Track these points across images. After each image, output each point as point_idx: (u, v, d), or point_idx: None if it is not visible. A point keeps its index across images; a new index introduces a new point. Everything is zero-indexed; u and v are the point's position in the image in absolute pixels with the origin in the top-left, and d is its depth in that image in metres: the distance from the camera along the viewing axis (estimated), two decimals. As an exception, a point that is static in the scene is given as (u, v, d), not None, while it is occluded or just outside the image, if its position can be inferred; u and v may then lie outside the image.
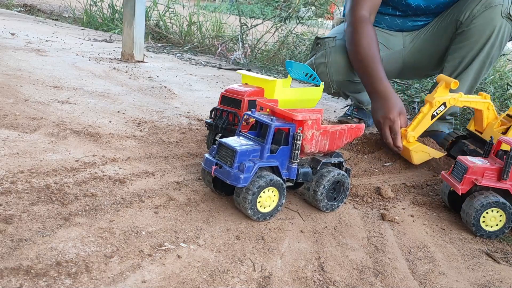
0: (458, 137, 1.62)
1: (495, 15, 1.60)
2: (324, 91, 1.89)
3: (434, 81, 2.37)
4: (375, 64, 1.58)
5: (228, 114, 1.34)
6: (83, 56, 3.04)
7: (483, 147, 1.48)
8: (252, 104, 1.32)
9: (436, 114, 1.48)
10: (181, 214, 1.06)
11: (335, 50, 1.75)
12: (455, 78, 1.74)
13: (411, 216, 1.24)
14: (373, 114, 1.59)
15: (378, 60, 1.59)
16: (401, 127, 1.51)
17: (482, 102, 1.49)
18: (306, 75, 1.52)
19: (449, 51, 1.74)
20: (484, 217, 1.14)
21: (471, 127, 1.60)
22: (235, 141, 1.08)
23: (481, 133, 1.55)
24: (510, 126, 1.47)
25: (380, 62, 1.60)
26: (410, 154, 1.50)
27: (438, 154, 1.54)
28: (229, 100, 1.35)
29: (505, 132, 1.46)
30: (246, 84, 1.43)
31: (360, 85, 1.80)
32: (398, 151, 1.52)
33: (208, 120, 1.39)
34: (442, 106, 1.46)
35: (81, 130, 1.52)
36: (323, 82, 1.54)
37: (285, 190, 1.08)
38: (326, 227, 1.11)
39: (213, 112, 1.38)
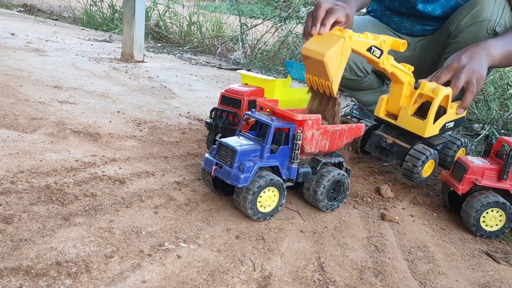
0: (369, 129, 1.42)
1: (480, 31, 1.53)
2: None
3: None
4: None
5: (228, 114, 1.34)
6: (83, 56, 3.04)
7: (401, 135, 1.34)
8: (252, 104, 1.32)
9: (371, 51, 1.17)
10: (181, 214, 1.06)
11: None
12: None
13: (411, 216, 1.24)
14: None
15: None
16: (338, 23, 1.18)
17: (407, 74, 1.28)
18: None
19: (441, 60, 1.70)
20: (484, 217, 1.14)
21: (381, 112, 1.38)
22: (235, 141, 1.08)
23: (396, 117, 1.33)
24: (422, 104, 1.30)
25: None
26: (335, 44, 1.09)
27: (336, 83, 1.13)
28: (229, 100, 1.35)
29: (418, 112, 1.30)
30: (246, 84, 1.43)
31: (353, 82, 1.78)
32: (316, 29, 1.13)
33: (208, 120, 1.39)
34: (379, 52, 1.19)
35: (81, 130, 1.52)
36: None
37: (285, 190, 1.08)
38: (326, 227, 1.11)
39: (213, 112, 1.38)
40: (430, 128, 1.26)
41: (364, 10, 2.12)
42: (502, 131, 2.17)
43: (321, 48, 1.08)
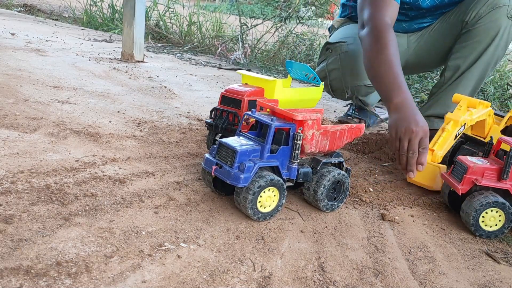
0: (457, 144, 1.55)
1: (500, 16, 1.60)
2: (335, 96, 1.87)
3: (435, 81, 2.37)
4: (399, 73, 1.42)
5: (228, 114, 1.34)
6: (83, 56, 3.04)
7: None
8: (252, 104, 1.32)
9: (458, 134, 1.39)
10: (181, 214, 1.06)
11: (349, 55, 1.74)
12: (457, 77, 1.72)
13: (411, 216, 1.24)
14: (392, 124, 1.35)
15: (401, 69, 1.44)
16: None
17: (486, 112, 1.46)
18: (306, 75, 1.52)
19: (453, 50, 1.73)
20: (483, 217, 1.14)
21: (468, 131, 1.55)
22: (235, 141, 1.08)
23: (484, 138, 1.51)
24: (507, 127, 1.46)
25: (402, 71, 1.46)
26: (435, 174, 1.33)
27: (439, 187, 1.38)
28: (229, 100, 1.35)
29: (505, 133, 1.45)
30: (246, 84, 1.43)
31: (371, 88, 1.79)
32: (415, 170, 1.30)
33: (208, 120, 1.39)
34: (463, 126, 1.40)
35: (81, 130, 1.52)
36: (323, 83, 1.54)
37: (286, 190, 1.08)
38: (326, 227, 1.11)
39: (213, 112, 1.38)
40: None
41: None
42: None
43: (427, 182, 1.37)
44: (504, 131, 1.49)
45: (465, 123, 1.40)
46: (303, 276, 0.89)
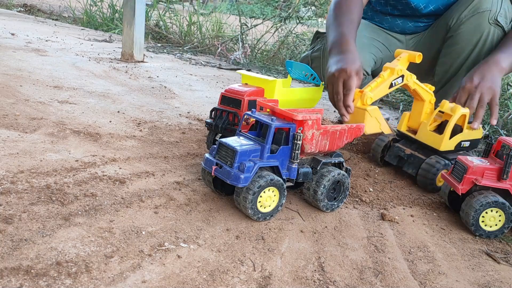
0: (389, 141, 1.53)
1: (482, 21, 1.56)
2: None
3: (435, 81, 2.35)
4: (346, 33, 1.44)
5: (228, 114, 1.34)
6: (83, 56, 3.04)
7: (420, 149, 1.44)
8: (252, 104, 1.32)
9: (394, 84, 1.33)
10: (181, 214, 1.06)
11: None
12: (444, 83, 1.72)
13: (411, 216, 1.24)
14: (327, 69, 1.38)
15: (355, 25, 1.48)
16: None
17: (427, 93, 1.41)
18: (306, 75, 1.52)
19: (440, 55, 1.72)
20: (483, 217, 1.14)
21: (402, 127, 1.50)
22: (235, 141, 1.08)
23: (414, 132, 1.45)
24: (442, 122, 1.40)
25: (356, 28, 1.50)
26: (364, 117, 1.29)
27: (388, 129, 1.36)
28: (229, 100, 1.35)
29: (437, 130, 1.40)
30: (246, 84, 1.43)
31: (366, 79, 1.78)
32: (345, 113, 1.30)
33: (208, 120, 1.39)
34: (401, 78, 1.33)
35: (81, 130, 1.52)
36: (323, 82, 1.54)
37: (285, 190, 1.08)
38: (326, 227, 1.11)
39: (213, 112, 1.38)
40: (446, 142, 1.37)
41: None
42: (502, 131, 2.17)
43: (356, 121, 1.28)
44: (438, 128, 1.41)
45: (403, 75, 1.34)
46: (303, 276, 0.89)
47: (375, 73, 1.92)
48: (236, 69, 3.51)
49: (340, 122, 1.26)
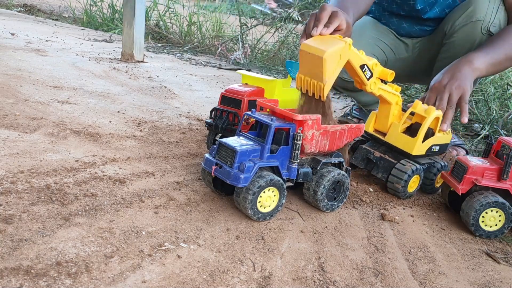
0: (356, 142, 1.45)
1: (474, 31, 1.53)
2: None
3: None
4: (355, 5, 1.39)
5: (228, 114, 1.34)
6: (83, 56, 3.04)
7: (389, 152, 1.36)
8: (252, 104, 1.32)
9: (363, 70, 1.18)
10: (181, 214, 1.06)
11: None
12: None
13: (411, 216, 1.24)
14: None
15: (359, 8, 1.41)
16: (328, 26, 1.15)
17: (394, 95, 1.30)
18: None
19: (436, 60, 1.71)
20: (483, 217, 1.14)
21: (370, 128, 1.40)
22: (235, 141, 1.08)
23: (384, 134, 1.37)
24: (412, 124, 1.33)
25: (359, 12, 1.44)
26: (339, 56, 1.10)
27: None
28: (229, 100, 1.35)
29: (406, 132, 1.33)
30: (246, 84, 1.43)
31: (349, 83, 1.77)
32: (316, 28, 1.13)
33: (208, 120, 1.39)
34: (369, 73, 1.19)
35: (81, 130, 1.52)
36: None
37: (285, 190, 1.08)
38: (326, 227, 1.11)
39: (213, 112, 1.38)
40: (418, 146, 1.29)
41: None
42: (502, 131, 2.17)
43: (322, 47, 1.06)
44: (408, 130, 1.34)
45: (367, 68, 1.18)
46: (303, 276, 0.89)
47: None
48: (236, 69, 3.51)
49: (341, 122, 1.25)
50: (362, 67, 1.17)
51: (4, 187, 1.04)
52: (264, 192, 1.04)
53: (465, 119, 1.33)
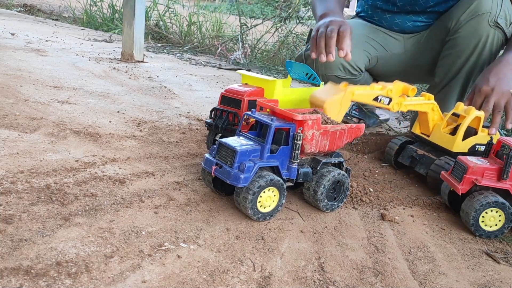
0: (404, 143, 1.54)
1: (481, 24, 1.54)
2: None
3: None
4: (337, 4, 1.52)
5: (228, 114, 1.34)
6: (83, 56, 3.04)
7: (433, 150, 1.44)
8: (252, 104, 1.32)
9: (379, 100, 1.29)
10: (181, 214, 1.06)
11: None
12: (444, 86, 1.70)
13: (411, 216, 1.24)
14: (315, 28, 1.39)
15: (340, 4, 1.52)
16: (340, 41, 1.27)
17: (426, 104, 1.39)
18: (306, 75, 1.52)
19: (440, 57, 1.71)
20: (483, 217, 1.14)
21: (417, 130, 1.50)
22: (235, 141, 1.08)
23: (428, 136, 1.46)
24: (458, 125, 1.38)
25: (342, 7, 1.54)
26: (336, 94, 1.22)
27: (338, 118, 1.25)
28: (229, 100, 1.35)
29: (452, 133, 1.39)
30: (246, 84, 1.43)
31: (348, 81, 1.77)
32: (331, 52, 1.26)
33: (208, 120, 1.38)
34: (388, 100, 1.29)
35: (81, 130, 1.52)
36: (323, 82, 1.54)
37: (285, 190, 1.08)
38: (326, 227, 1.11)
39: (213, 112, 1.38)
40: (458, 144, 1.35)
41: (353, 13, 2.13)
42: (502, 131, 2.17)
43: (323, 97, 1.22)
44: (454, 131, 1.39)
45: (390, 99, 1.29)
46: (303, 276, 0.89)
47: (371, 72, 1.92)
48: (236, 69, 3.51)
49: (343, 122, 1.25)
50: (376, 99, 1.29)
51: (4, 187, 1.04)
52: (264, 192, 1.04)
53: (509, 125, 1.38)
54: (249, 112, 1.15)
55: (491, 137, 1.31)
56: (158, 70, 2.94)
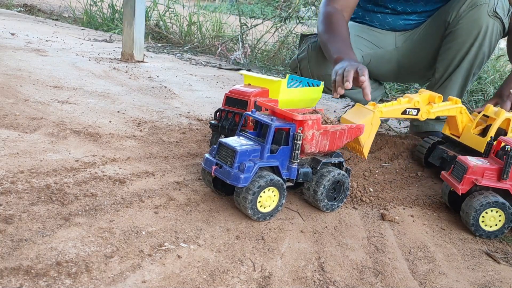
0: (434, 143, 1.56)
1: (481, 15, 1.58)
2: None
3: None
4: (347, 42, 1.54)
5: (234, 115, 1.33)
6: (83, 56, 3.04)
7: (462, 151, 1.45)
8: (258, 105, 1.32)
9: (407, 113, 1.37)
10: (181, 214, 1.06)
11: (315, 46, 1.76)
12: (445, 79, 1.72)
13: (411, 216, 1.24)
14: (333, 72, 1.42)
15: (345, 43, 1.54)
16: (360, 81, 1.32)
17: (454, 108, 1.44)
18: (300, 82, 1.51)
19: (440, 51, 1.73)
20: (483, 217, 1.14)
21: (447, 131, 1.54)
22: (235, 141, 1.08)
23: (458, 137, 1.49)
24: (487, 126, 1.42)
25: (349, 40, 1.56)
26: (367, 118, 1.28)
27: (365, 151, 1.31)
28: (235, 101, 1.34)
29: (482, 134, 1.42)
30: (249, 84, 1.43)
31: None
32: (349, 84, 1.30)
33: (213, 122, 1.37)
34: (416, 110, 1.37)
35: (81, 130, 1.52)
36: (323, 82, 1.54)
37: (285, 190, 1.08)
38: (326, 227, 1.11)
39: (217, 114, 1.37)
40: None
41: None
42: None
43: (354, 119, 1.27)
44: (484, 132, 1.43)
45: (419, 109, 1.37)
46: (303, 276, 0.89)
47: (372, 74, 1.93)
48: (236, 69, 3.51)
49: (340, 122, 1.26)
50: (404, 112, 1.36)
51: (4, 187, 1.04)
52: (264, 192, 1.04)
53: None
54: (249, 112, 1.15)
55: (491, 137, 1.31)
56: (158, 70, 2.94)
